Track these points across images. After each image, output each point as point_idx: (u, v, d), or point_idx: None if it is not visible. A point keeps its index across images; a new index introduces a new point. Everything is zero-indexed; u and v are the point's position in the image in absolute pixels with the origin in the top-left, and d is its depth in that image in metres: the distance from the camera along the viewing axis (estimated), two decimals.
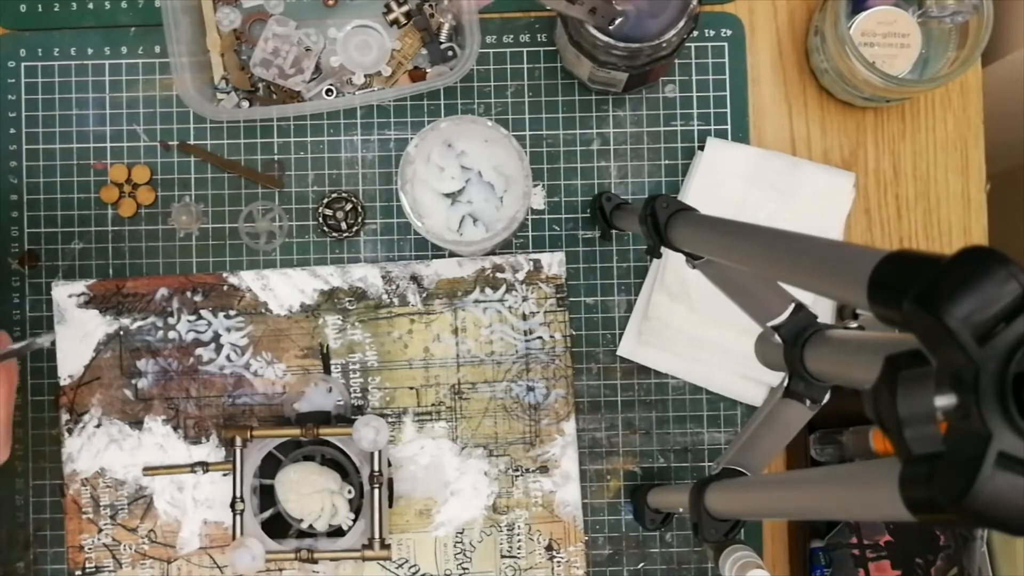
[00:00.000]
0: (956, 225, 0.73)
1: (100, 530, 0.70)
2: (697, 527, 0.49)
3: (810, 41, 0.72)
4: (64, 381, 0.71)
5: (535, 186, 0.72)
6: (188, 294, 0.71)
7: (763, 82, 0.73)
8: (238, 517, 0.65)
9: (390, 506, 0.69)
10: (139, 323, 0.71)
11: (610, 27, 0.61)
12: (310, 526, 0.66)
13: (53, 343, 0.69)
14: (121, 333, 0.71)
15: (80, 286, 0.71)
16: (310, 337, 0.71)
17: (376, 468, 0.65)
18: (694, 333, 0.70)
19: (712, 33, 0.73)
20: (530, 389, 0.71)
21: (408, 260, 0.72)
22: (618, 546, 0.71)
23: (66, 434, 0.71)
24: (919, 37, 0.68)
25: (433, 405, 0.71)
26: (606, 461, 0.72)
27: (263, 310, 0.71)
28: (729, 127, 0.73)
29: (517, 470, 0.71)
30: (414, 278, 0.72)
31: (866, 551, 0.71)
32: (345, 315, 0.71)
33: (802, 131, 0.73)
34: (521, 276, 0.72)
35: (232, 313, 0.71)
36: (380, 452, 0.65)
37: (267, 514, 0.67)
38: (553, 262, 0.72)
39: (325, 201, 0.72)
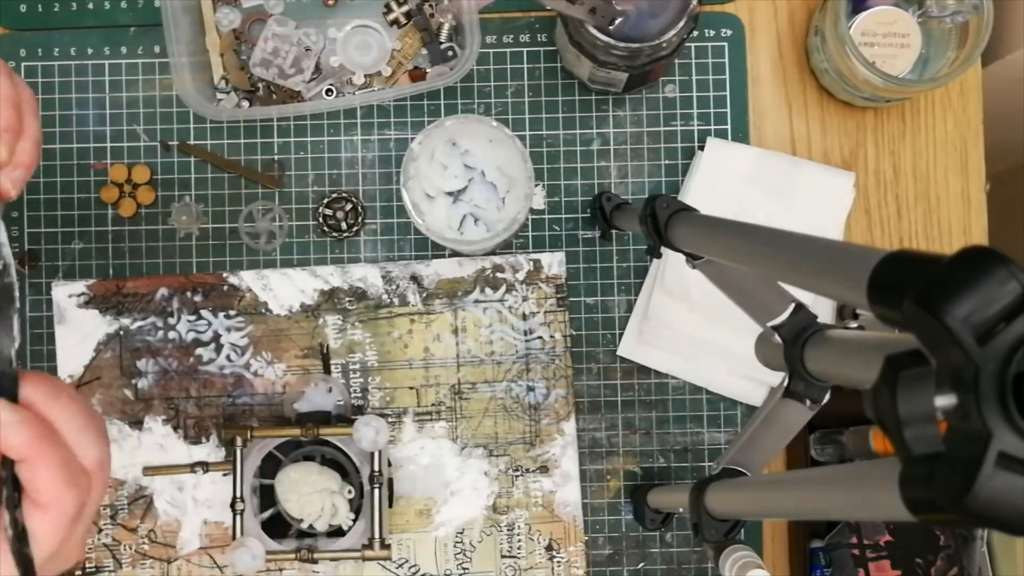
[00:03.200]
0: (956, 225, 0.73)
1: (100, 530, 0.70)
2: (697, 527, 0.49)
3: (810, 41, 0.72)
4: (64, 381, 0.71)
5: (535, 186, 0.72)
6: (188, 294, 0.71)
7: (763, 82, 0.73)
8: (238, 517, 0.65)
9: (390, 506, 0.69)
10: (139, 323, 0.71)
11: (610, 27, 0.61)
12: (310, 526, 0.66)
13: None
14: (121, 333, 0.71)
15: (80, 286, 0.71)
16: (310, 337, 0.71)
17: (376, 468, 0.65)
18: (694, 333, 0.70)
19: (712, 33, 0.73)
20: (530, 389, 0.71)
21: (408, 260, 0.72)
22: (618, 546, 0.71)
23: None
24: (919, 37, 0.68)
25: (433, 405, 0.71)
26: (606, 461, 0.72)
27: (263, 310, 0.71)
28: (729, 127, 0.73)
29: (517, 470, 0.71)
30: (414, 278, 0.72)
31: (866, 551, 0.71)
32: (345, 315, 0.71)
33: (802, 131, 0.73)
34: (521, 276, 0.72)
35: (232, 313, 0.71)
36: (380, 452, 0.65)
37: (267, 514, 0.67)
38: (553, 262, 0.72)
39: (325, 201, 0.72)
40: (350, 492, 0.66)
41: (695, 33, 0.71)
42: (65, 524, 0.39)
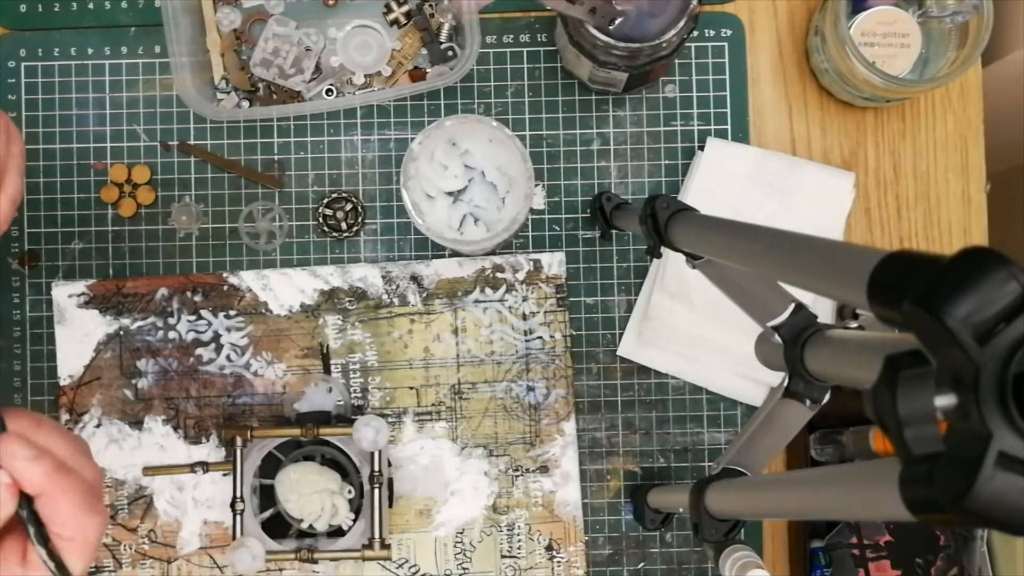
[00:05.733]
0: (956, 225, 0.73)
1: None
2: (697, 527, 0.49)
3: (810, 41, 0.72)
4: (64, 381, 0.71)
5: (535, 186, 0.72)
6: (188, 294, 0.71)
7: (763, 82, 0.73)
8: (238, 517, 0.65)
9: (390, 506, 0.69)
10: (139, 323, 0.71)
11: (610, 27, 0.61)
12: (310, 526, 0.66)
13: None
14: (121, 333, 0.71)
15: (80, 286, 0.71)
16: (310, 337, 0.71)
17: (376, 468, 0.65)
18: (694, 333, 0.70)
19: (712, 33, 0.73)
20: (530, 389, 0.71)
21: (408, 260, 0.72)
22: (618, 546, 0.71)
23: None
24: (919, 37, 0.68)
25: (433, 405, 0.71)
26: (606, 461, 0.72)
27: (263, 310, 0.71)
28: (729, 127, 0.73)
29: (517, 470, 0.71)
30: (414, 278, 0.72)
31: (866, 551, 0.71)
32: (345, 315, 0.71)
33: (802, 131, 0.73)
34: (521, 276, 0.72)
35: (232, 313, 0.71)
36: (380, 452, 0.65)
37: (267, 514, 0.67)
38: (553, 262, 0.72)
39: (325, 201, 0.72)
40: (350, 492, 0.66)
41: (695, 33, 0.71)
42: (90, 553, 0.37)
